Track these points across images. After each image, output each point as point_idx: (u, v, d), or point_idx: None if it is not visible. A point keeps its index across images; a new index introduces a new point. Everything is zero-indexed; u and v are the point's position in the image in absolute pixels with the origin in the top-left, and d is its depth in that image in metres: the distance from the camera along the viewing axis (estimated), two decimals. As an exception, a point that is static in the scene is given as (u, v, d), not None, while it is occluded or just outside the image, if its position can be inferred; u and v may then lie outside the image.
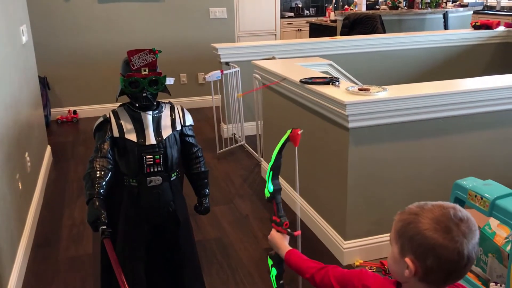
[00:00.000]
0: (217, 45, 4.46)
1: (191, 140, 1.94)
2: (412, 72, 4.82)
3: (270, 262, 1.54)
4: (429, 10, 6.33)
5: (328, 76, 2.87)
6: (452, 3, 6.97)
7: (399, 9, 6.50)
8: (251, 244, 2.81)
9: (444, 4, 6.58)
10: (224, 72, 4.20)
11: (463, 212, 1.04)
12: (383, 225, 2.59)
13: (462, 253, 0.99)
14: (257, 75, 3.66)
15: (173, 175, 1.87)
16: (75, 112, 5.49)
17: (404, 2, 6.58)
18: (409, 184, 2.57)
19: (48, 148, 4.21)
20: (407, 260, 1.04)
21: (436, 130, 2.53)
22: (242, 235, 2.91)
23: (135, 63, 1.72)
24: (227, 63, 4.42)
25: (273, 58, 4.31)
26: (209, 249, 2.77)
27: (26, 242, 2.70)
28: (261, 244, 2.80)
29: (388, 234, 2.66)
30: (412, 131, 2.49)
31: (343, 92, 2.43)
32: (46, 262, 2.68)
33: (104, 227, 1.60)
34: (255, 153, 4.18)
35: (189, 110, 1.98)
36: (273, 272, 1.53)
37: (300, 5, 8.97)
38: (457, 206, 1.05)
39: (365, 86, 2.47)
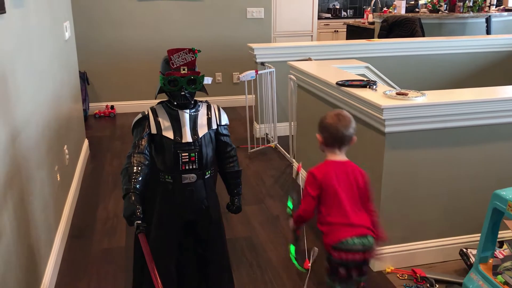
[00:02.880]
0: (253, 45, 4.47)
1: (226, 139, 1.95)
2: (451, 77, 4.71)
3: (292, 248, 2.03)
4: (471, 14, 6.17)
5: (365, 79, 2.83)
6: (495, 7, 6.77)
7: (440, 12, 6.36)
8: (281, 245, 2.80)
9: (487, 8, 6.39)
10: (259, 72, 4.22)
11: (345, 112, 1.93)
12: (416, 233, 2.55)
13: (339, 129, 1.87)
14: (292, 76, 3.65)
15: (207, 173, 1.89)
16: (112, 107, 5.62)
17: (445, 5, 6.42)
18: (445, 192, 2.52)
19: (86, 142, 4.32)
20: (318, 135, 1.93)
21: (475, 138, 2.46)
22: (272, 236, 2.91)
23: (174, 62, 1.74)
24: (262, 63, 4.43)
25: (309, 59, 4.29)
26: (239, 247, 2.78)
27: (62, 232, 2.78)
28: (291, 246, 2.79)
29: (422, 242, 2.61)
30: (450, 138, 2.43)
31: (380, 96, 2.40)
32: (80, 253, 2.75)
33: (139, 222, 1.63)
34: (287, 154, 4.17)
35: (223, 109, 1.99)
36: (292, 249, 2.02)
37: (337, 7, 8.90)
38: (343, 111, 1.95)
39: (403, 91, 2.43)
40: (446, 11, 6.36)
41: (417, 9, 6.74)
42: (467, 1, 6.26)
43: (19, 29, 2.25)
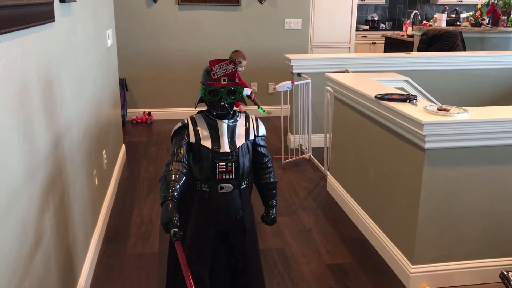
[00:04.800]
0: (290, 56, 4.48)
1: (262, 150, 1.95)
2: (494, 93, 4.59)
3: None
4: (516, 28, 6.00)
5: (405, 93, 2.79)
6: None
7: (482, 26, 6.22)
8: (313, 259, 2.77)
9: (532, 23, 6.21)
10: (296, 83, 4.21)
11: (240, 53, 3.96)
12: (455, 252, 2.47)
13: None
14: (329, 88, 3.63)
15: (243, 183, 1.89)
16: (149, 113, 5.72)
17: (488, 19, 6.28)
18: (486, 212, 2.44)
19: (123, 147, 4.41)
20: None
21: (519, 157, 2.38)
22: (304, 249, 2.89)
23: (216, 72, 1.76)
24: (299, 74, 4.42)
25: (346, 71, 4.26)
26: (271, 259, 2.77)
27: (98, 235, 2.84)
28: (323, 260, 2.76)
29: (460, 262, 2.52)
30: (493, 156, 2.36)
31: (421, 111, 2.35)
32: (114, 257, 2.80)
33: (176, 229, 1.64)
34: (321, 166, 4.14)
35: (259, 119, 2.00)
36: None
37: (376, 18, 8.83)
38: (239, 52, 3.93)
39: (444, 106, 2.38)
40: (489, 25, 6.22)
41: (458, 23, 6.62)
42: (511, 15, 6.09)
43: (67, 36, 2.32)
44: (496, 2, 6.27)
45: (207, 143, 1.81)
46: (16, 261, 1.52)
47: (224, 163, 1.81)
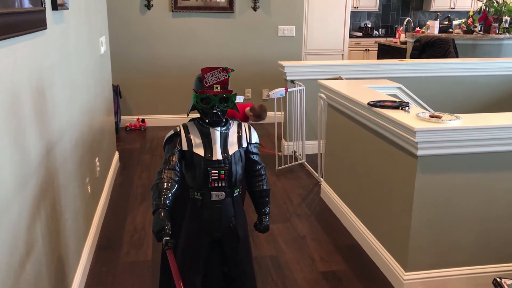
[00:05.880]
0: (283, 63, 4.49)
1: (255, 157, 1.95)
2: (486, 99, 4.62)
3: None
4: (507, 35, 6.06)
5: (397, 100, 2.80)
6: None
7: (474, 33, 6.27)
8: (307, 266, 2.77)
9: (523, 30, 6.27)
10: (289, 89, 4.22)
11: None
12: (448, 259, 2.48)
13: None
14: (322, 95, 3.64)
15: (236, 191, 1.88)
16: (143, 120, 5.70)
17: (480, 26, 6.33)
18: (479, 219, 2.44)
19: (116, 154, 4.39)
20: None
21: (511, 163, 2.39)
22: (298, 256, 2.88)
23: (208, 80, 1.76)
24: (292, 81, 4.43)
25: (340, 78, 4.27)
26: (265, 266, 2.76)
27: (91, 244, 2.82)
28: (317, 267, 2.75)
29: (453, 269, 2.52)
30: (485, 163, 2.37)
31: (413, 118, 2.36)
32: (107, 265, 2.78)
33: (168, 238, 1.63)
34: (315, 173, 4.14)
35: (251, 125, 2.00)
36: None
37: (369, 25, 8.88)
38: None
39: (436, 113, 2.39)
40: (481, 32, 6.27)
41: (450, 30, 6.67)
42: (503, 22, 6.15)
43: (59, 44, 2.31)
44: (487, 9, 6.32)
45: (200, 151, 1.81)
46: (6, 270, 1.51)
47: (217, 171, 1.81)
